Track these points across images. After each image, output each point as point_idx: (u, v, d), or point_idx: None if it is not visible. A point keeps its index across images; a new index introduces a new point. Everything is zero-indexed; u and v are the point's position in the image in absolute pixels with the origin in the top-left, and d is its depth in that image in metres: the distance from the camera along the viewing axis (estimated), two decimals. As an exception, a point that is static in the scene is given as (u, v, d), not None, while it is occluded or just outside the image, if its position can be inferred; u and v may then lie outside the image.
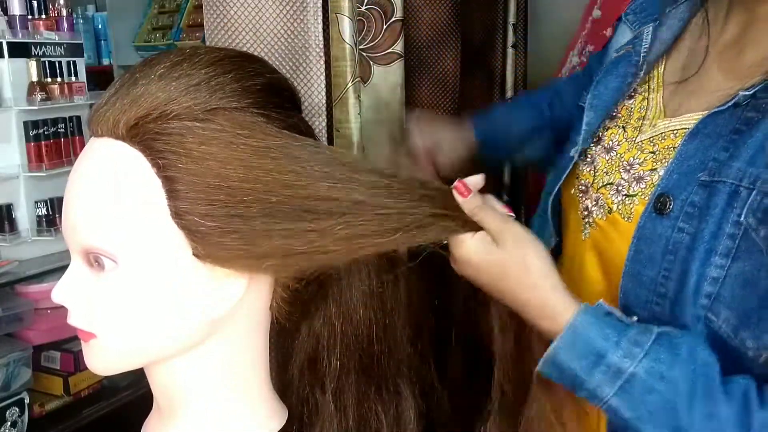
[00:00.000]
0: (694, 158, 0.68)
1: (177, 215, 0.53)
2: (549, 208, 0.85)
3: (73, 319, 0.57)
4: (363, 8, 1.23)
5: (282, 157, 0.54)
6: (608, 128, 0.80)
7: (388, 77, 1.27)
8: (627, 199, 0.73)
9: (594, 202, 0.77)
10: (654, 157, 0.72)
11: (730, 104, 0.66)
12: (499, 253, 0.67)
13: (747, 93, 0.65)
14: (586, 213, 0.78)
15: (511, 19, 1.62)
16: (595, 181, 0.77)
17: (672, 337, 0.64)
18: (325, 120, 1.13)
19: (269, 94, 0.57)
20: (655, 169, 0.71)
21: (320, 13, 1.09)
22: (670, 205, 0.67)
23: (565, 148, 0.86)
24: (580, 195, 0.79)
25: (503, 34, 1.63)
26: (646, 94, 0.78)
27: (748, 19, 0.69)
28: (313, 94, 1.10)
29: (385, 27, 1.25)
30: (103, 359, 0.58)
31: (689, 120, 0.71)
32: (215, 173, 0.52)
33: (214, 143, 0.53)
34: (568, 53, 1.76)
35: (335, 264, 0.61)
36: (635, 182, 0.73)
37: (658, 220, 0.68)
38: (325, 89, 1.12)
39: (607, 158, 0.78)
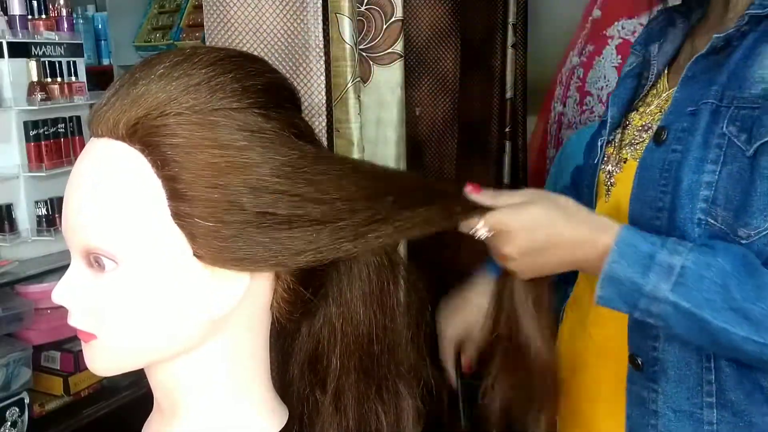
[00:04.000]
0: (686, 100, 0.79)
1: (177, 215, 0.53)
2: (595, 190, 0.92)
3: (73, 320, 0.57)
4: (363, 8, 1.23)
5: (283, 160, 0.54)
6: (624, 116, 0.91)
7: (388, 77, 1.27)
8: (638, 146, 0.84)
9: (614, 165, 0.88)
10: (662, 114, 0.83)
11: (707, 49, 0.78)
12: (538, 206, 0.75)
13: (720, 35, 0.76)
14: (608, 177, 0.89)
15: (511, 19, 1.62)
16: (614, 151, 0.89)
17: (707, 241, 0.72)
18: (325, 120, 1.13)
19: (269, 94, 0.57)
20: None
21: (320, 13, 1.09)
22: (665, 135, 0.79)
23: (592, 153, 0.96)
24: (603, 166, 0.90)
25: (503, 34, 1.64)
26: (655, 91, 0.89)
27: (722, 14, 0.81)
28: (313, 94, 1.10)
29: (385, 27, 1.25)
30: (104, 360, 0.58)
31: None
32: (215, 174, 0.52)
33: (215, 143, 0.52)
34: (568, 53, 1.77)
35: (337, 258, 0.61)
36: (645, 132, 0.84)
37: (656, 149, 0.79)
38: (325, 89, 1.12)
39: (624, 132, 0.89)
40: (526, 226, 0.74)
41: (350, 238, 0.58)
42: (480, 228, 0.75)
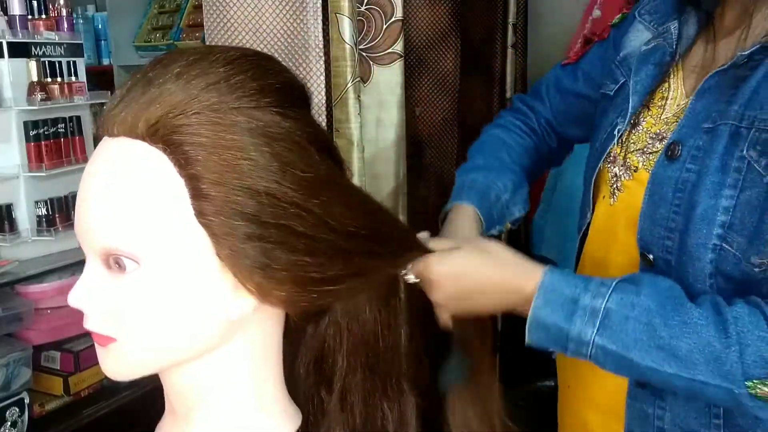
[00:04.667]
0: (701, 114, 0.78)
1: (201, 214, 0.52)
2: (591, 185, 0.92)
3: (91, 324, 0.55)
4: (363, 8, 1.23)
5: (300, 175, 0.54)
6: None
7: (388, 77, 1.27)
8: (651, 155, 0.82)
9: (621, 168, 0.86)
10: (677, 125, 0.81)
11: (729, 64, 0.76)
12: (464, 253, 0.76)
13: (744, 53, 0.74)
14: (614, 180, 0.87)
15: (511, 19, 1.62)
16: (621, 151, 0.87)
17: (634, 275, 0.73)
18: (325, 120, 1.14)
19: (285, 92, 0.57)
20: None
21: (320, 13, 1.09)
22: (679, 150, 0.77)
23: (596, 132, 0.94)
24: (609, 165, 0.88)
25: (503, 34, 1.64)
26: (668, 78, 0.87)
27: (744, 6, 0.78)
28: (313, 94, 1.10)
29: (385, 27, 1.25)
30: (123, 364, 0.57)
31: None
32: (238, 173, 0.52)
33: (237, 142, 0.52)
34: (568, 53, 1.76)
35: (344, 298, 0.62)
36: (659, 142, 0.82)
37: (669, 165, 0.78)
38: (325, 89, 1.12)
39: (633, 131, 0.86)
40: (451, 273, 0.75)
41: (352, 274, 0.60)
42: (408, 274, 0.73)
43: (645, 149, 0.83)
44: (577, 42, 1.72)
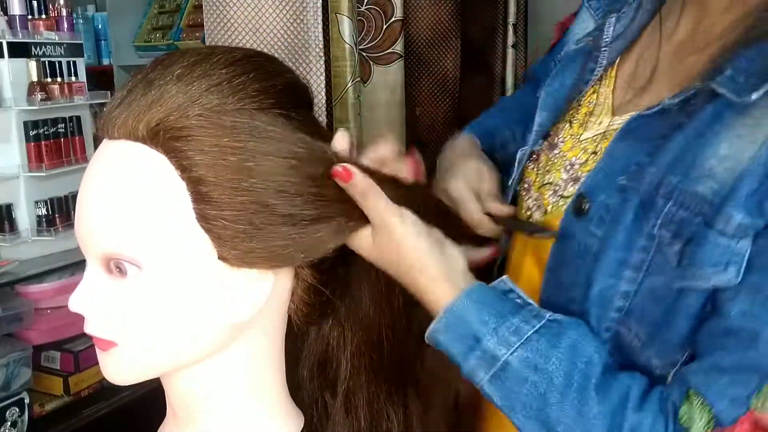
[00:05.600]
0: (620, 160, 0.64)
1: (203, 218, 0.52)
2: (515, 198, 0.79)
3: (92, 328, 0.55)
4: (363, 8, 1.23)
5: (306, 158, 0.54)
6: (555, 122, 0.75)
7: (388, 77, 1.27)
8: (561, 200, 0.69)
9: (534, 202, 0.73)
10: (594, 158, 0.68)
11: (656, 109, 0.63)
12: (384, 242, 0.61)
13: (672, 101, 0.61)
14: (528, 214, 0.74)
15: (511, 19, 1.62)
16: (537, 179, 0.74)
17: (559, 327, 0.61)
18: (325, 120, 1.14)
19: (288, 94, 0.57)
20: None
21: (320, 13, 1.09)
22: (587, 206, 0.64)
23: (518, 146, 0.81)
24: (524, 193, 0.76)
25: (503, 34, 1.64)
26: (597, 87, 0.73)
27: (699, 17, 0.66)
28: (312, 94, 1.10)
29: (385, 27, 1.25)
30: (124, 368, 0.56)
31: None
32: (242, 177, 0.51)
33: (239, 145, 0.51)
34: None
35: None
36: (572, 183, 0.69)
37: (576, 222, 0.65)
38: (325, 89, 1.12)
39: (550, 155, 0.73)
40: (378, 258, 0.62)
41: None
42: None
43: (557, 188, 0.70)
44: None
